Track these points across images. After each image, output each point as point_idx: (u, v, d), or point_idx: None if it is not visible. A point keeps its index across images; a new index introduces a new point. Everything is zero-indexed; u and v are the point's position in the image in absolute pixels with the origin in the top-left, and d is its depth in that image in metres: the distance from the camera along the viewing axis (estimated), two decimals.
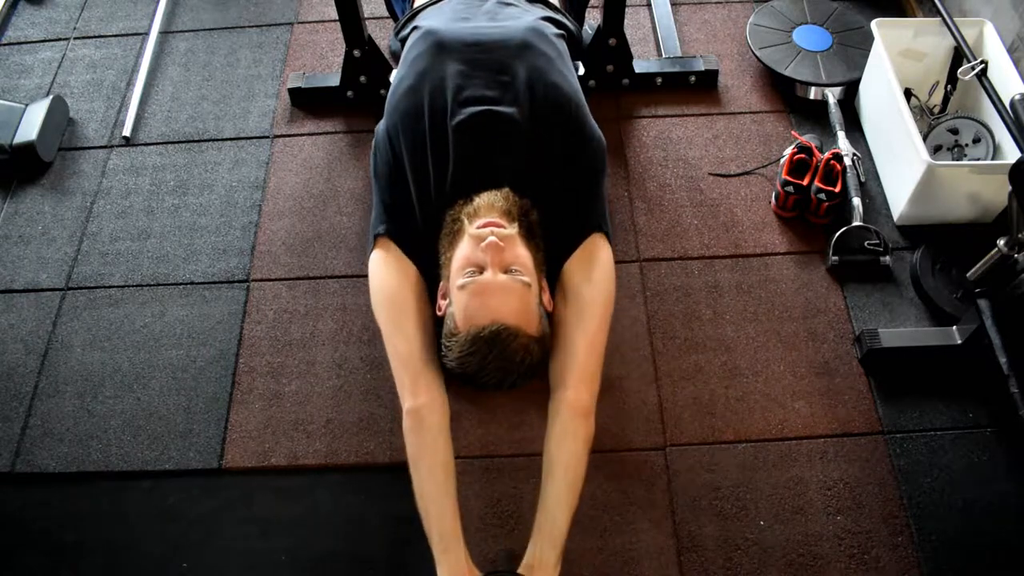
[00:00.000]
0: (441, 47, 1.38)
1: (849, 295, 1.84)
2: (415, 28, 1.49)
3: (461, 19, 1.48)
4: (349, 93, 2.18)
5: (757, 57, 2.20)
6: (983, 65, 1.80)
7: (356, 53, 2.07)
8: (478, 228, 1.20)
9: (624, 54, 2.13)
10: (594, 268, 1.30)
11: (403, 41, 1.55)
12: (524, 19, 1.47)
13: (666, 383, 1.73)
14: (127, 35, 2.44)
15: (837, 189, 1.89)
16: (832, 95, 2.14)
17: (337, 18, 1.97)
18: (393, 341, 1.28)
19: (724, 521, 1.56)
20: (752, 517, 1.56)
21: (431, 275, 1.31)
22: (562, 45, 1.49)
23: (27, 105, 2.16)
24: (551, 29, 1.48)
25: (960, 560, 1.51)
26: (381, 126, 1.40)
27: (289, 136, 2.18)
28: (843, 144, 2.00)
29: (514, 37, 1.39)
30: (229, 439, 1.68)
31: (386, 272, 1.31)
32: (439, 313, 1.26)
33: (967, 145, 1.95)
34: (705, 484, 1.60)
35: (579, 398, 1.26)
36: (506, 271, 1.17)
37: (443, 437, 1.26)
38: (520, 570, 1.21)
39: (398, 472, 1.63)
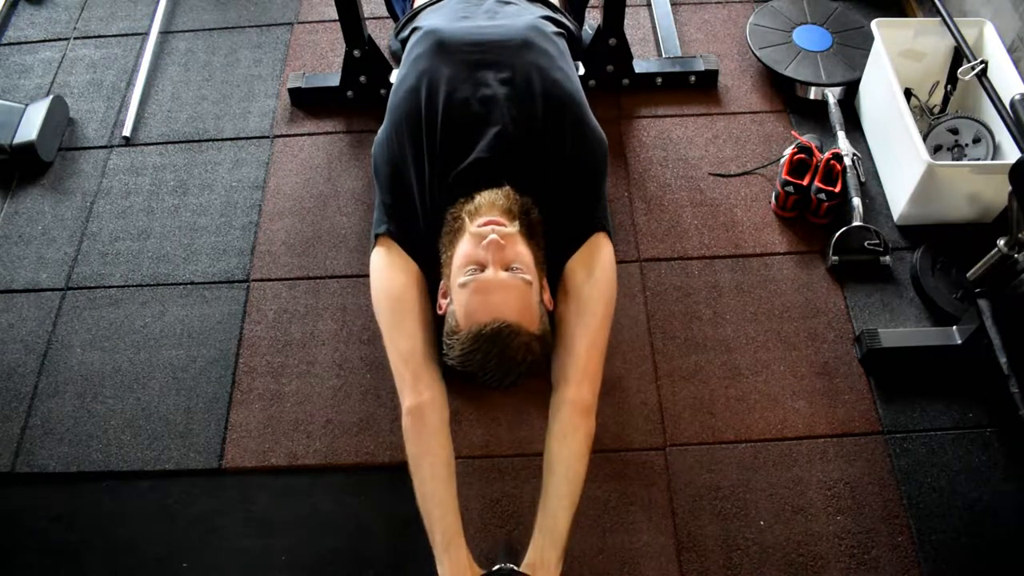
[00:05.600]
0: (442, 47, 1.38)
1: (849, 295, 1.84)
2: (416, 28, 1.49)
3: (461, 18, 1.48)
4: (349, 93, 2.18)
5: (757, 57, 2.20)
6: (983, 65, 1.80)
7: (356, 53, 2.07)
8: (479, 226, 1.20)
9: (624, 54, 2.13)
10: (596, 266, 1.30)
11: (403, 42, 1.55)
12: (524, 18, 1.47)
13: (666, 383, 1.73)
14: (127, 35, 2.44)
15: (837, 189, 1.89)
16: (832, 95, 2.14)
17: (337, 18, 1.97)
18: (394, 338, 1.28)
19: (724, 521, 1.56)
20: (752, 517, 1.56)
21: (432, 274, 1.31)
22: (562, 43, 1.49)
23: (27, 105, 2.16)
24: (551, 27, 1.48)
25: (960, 560, 1.51)
26: (383, 126, 1.40)
27: (289, 136, 2.18)
28: (843, 144, 2.00)
29: (515, 36, 1.40)
30: (229, 439, 1.68)
31: (388, 270, 1.31)
32: (440, 312, 1.26)
33: (967, 145, 1.95)
34: (705, 484, 1.60)
35: (580, 395, 1.26)
36: (507, 269, 1.17)
37: (444, 435, 1.25)
38: (522, 569, 1.20)
39: (398, 472, 1.63)
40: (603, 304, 1.29)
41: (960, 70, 1.86)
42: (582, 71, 2.14)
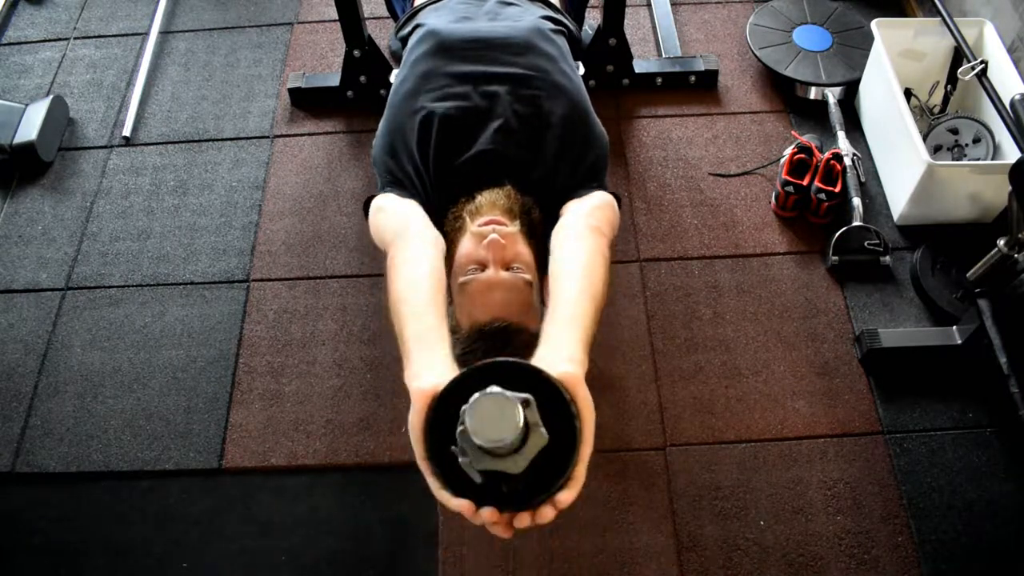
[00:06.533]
0: (442, 48, 1.38)
1: (849, 295, 1.84)
2: (416, 28, 1.49)
3: (462, 19, 1.48)
4: (349, 93, 2.18)
5: (757, 57, 2.20)
6: (983, 65, 1.80)
7: (356, 53, 2.07)
8: (480, 226, 1.20)
9: (624, 54, 2.13)
10: (589, 199, 1.27)
11: (403, 40, 1.55)
12: (525, 19, 1.47)
13: (666, 383, 1.73)
14: (127, 35, 2.44)
15: (837, 189, 1.89)
16: (832, 95, 2.14)
17: (337, 18, 1.97)
18: (395, 205, 1.24)
19: (724, 521, 1.56)
20: (752, 517, 1.56)
21: None
22: (563, 42, 1.49)
23: (27, 105, 2.16)
24: (550, 26, 1.48)
25: (960, 560, 1.51)
26: (382, 125, 1.39)
27: (289, 136, 2.18)
28: (843, 144, 2.00)
29: (517, 37, 1.39)
30: (229, 439, 1.68)
31: (395, 200, 1.29)
32: None
33: (967, 145, 1.95)
34: (705, 484, 1.60)
35: (589, 221, 1.16)
36: (507, 268, 1.17)
37: (439, 259, 1.10)
38: (535, 359, 0.87)
39: (398, 472, 1.64)
40: (600, 205, 1.24)
41: (960, 70, 1.86)
42: (582, 71, 2.12)
